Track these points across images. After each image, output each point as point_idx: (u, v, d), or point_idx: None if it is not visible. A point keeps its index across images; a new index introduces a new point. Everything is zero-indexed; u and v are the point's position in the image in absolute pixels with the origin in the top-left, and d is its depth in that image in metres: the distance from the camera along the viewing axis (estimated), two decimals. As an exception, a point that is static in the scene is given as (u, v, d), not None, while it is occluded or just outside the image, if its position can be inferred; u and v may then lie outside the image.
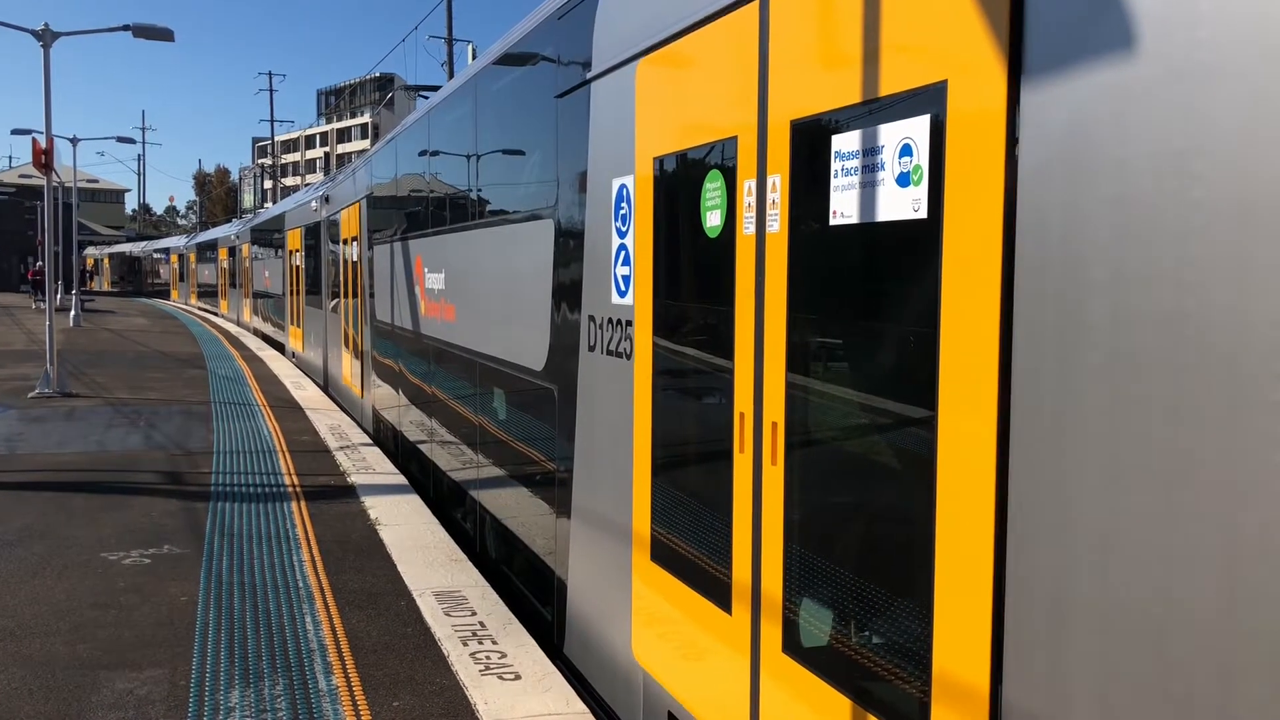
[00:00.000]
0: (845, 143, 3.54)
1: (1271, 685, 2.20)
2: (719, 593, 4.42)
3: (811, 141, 3.72)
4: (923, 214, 3.15)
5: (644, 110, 5.13)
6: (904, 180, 3.25)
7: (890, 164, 3.31)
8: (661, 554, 5.01)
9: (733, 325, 4.26)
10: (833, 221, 3.59)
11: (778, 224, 3.92)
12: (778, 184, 3.92)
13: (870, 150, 3.41)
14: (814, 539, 3.76)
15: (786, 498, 3.89)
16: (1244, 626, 2.25)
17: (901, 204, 3.26)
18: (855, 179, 3.48)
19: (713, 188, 4.46)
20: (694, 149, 4.63)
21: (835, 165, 3.58)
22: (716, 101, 4.40)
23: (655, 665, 5.14)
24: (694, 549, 4.67)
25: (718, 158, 4.41)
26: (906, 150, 3.24)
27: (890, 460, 3.39)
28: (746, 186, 4.16)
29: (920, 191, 3.17)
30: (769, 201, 3.97)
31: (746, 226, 4.16)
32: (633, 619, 5.38)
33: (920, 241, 3.17)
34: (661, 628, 5.04)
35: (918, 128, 3.20)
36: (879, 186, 3.36)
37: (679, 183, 4.80)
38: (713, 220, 4.46)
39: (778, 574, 3.94)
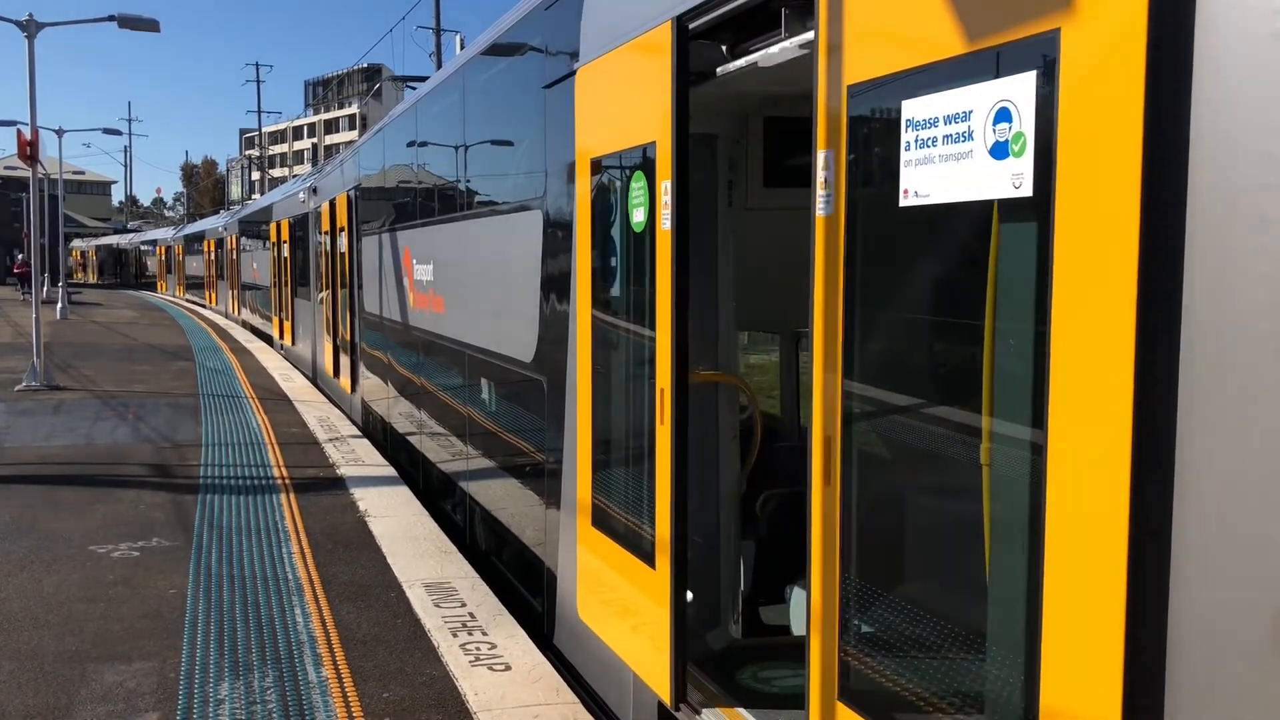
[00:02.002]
0: (920, 109, 3.06)
1: None
2: (644, 549, 4.85)
3: (876, 110, 3.30)
4: (1026, 191, 2.68)
5: (582, 114, 5.53)
6: (1001, 151, 2.76)
7: (982, 132, 2.83)
8: (598, 517, 5.42)
9: (654, 312, 4.68)
10: (905, 202, 3.13)
11: (831, 206, 3.47)
12: (831, 161, 3.47)
13: (954, 117, 2.93)
14: (875, 569, 3.43)
15: (844, 524, 3.49)
16: None
17: (998, 179, 2.77)
18: (934, 151, 3.01)
19: (637, 187, 4.86)
20: (621, 152, 5.05)
21: (907, 136, 3.10)
22: (638, 109, 4.80)
23: (596, 623, 5.49)
24: (624, 511, 5.10)
25: (639, 161, 4.83)
26: (1004, 115, 2.75)
27: (978, 487, 2.97)
28: (663, 186, 4.53)
29: (1023, 164, 2.69)
30: (819, 181, 3.51)
31: (664, 222, 4.54)
32: (577, 582, 5.69)
33: (1023, 223, 2.71)
34: (600, 587, 5.41)
35: (1020, 88, 2.69)
36: (967, 159, 2.88)
37: (610, 182, 5.26)
38: (638, 216, 4.88)
39: (835, 606, 3.55)
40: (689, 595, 5.15)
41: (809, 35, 3.80)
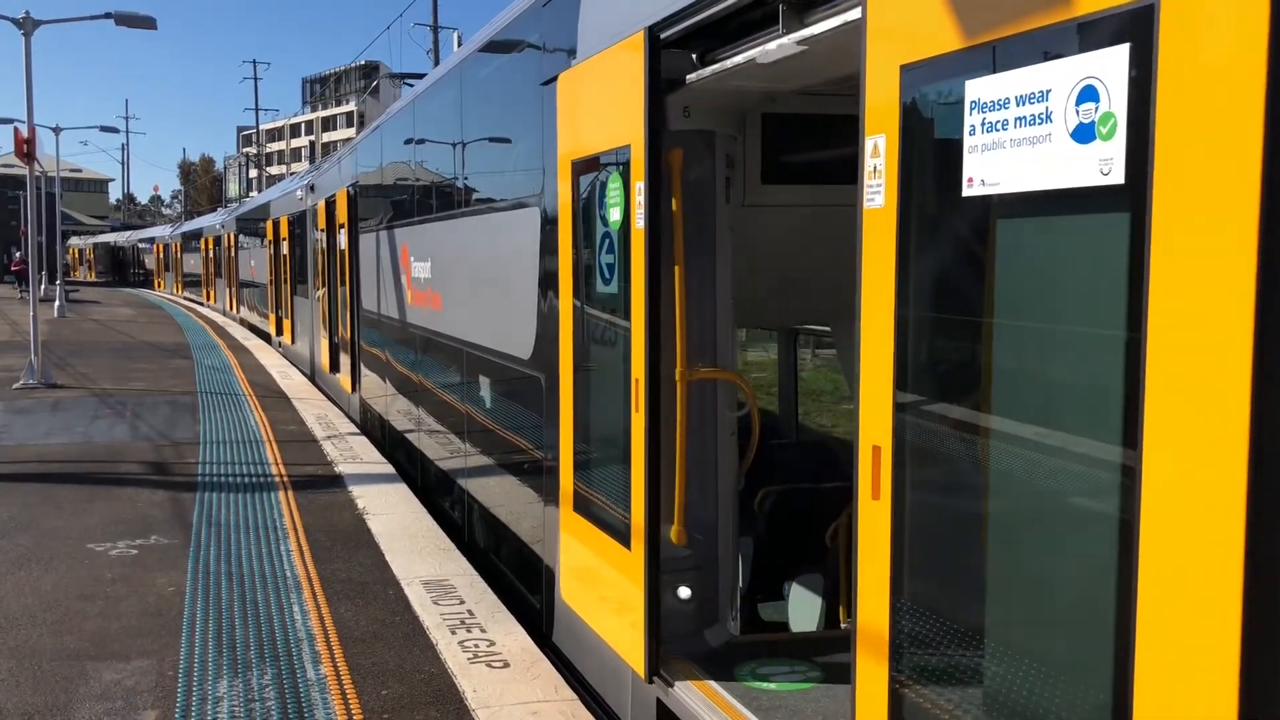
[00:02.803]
0: (987, 89, 2.79)
1: None
2: (621, 530, 5.13)
3: (933, 90, 3.04)
4: (1116, 178, 2.42)
5: (563, 117, 5.81)
6: (1085, 134, 2.50)
7: (1063, 113, 2.56)
8: (580, 503, 5.73)
9: (629, 306, 4.94)
10: (968, 191, 2.88)
11: (881, 197, 3.20)
12: (880, 147, 3.20)
13: (1029, 97, 2.67)
14: (932, 594, 3.16)
15: (894, 542, 3.22)
16: None
17: (1081, 165, 2.51)
18: (1004, 135, 2.75)
19: (614, 188, 5.13)
20: (599, 154, 5.31)
21: (972, 119, 2.85)
22: (614, 114, 5.07)
23: (578, 604, 5.83)
24: (603, 496, 5.41)
25: (616, 163, 5.12)
26: (1089, 94, 2.48)
27: (1054, 505, 2.69)
28: (637, 188, 4.79)
29: (1112, 148, 2.42)
30: (869, 170, 3.26)
31: (638, 221, 4.80)
32: (560, 565, 6.06)
33: (1111, 213, 2.45)
34: (581, 567, 5.75)
35: (1109, 64, 2.42)
36: (1043, 144, 2.62)
37: (589, 182, 5.55)
38: (614, 216, 5.14)
39: (884, 634, 3.25)
40: (687, 592, 5.16)
41: (851, 15, 3.60)
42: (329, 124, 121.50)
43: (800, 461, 7.92)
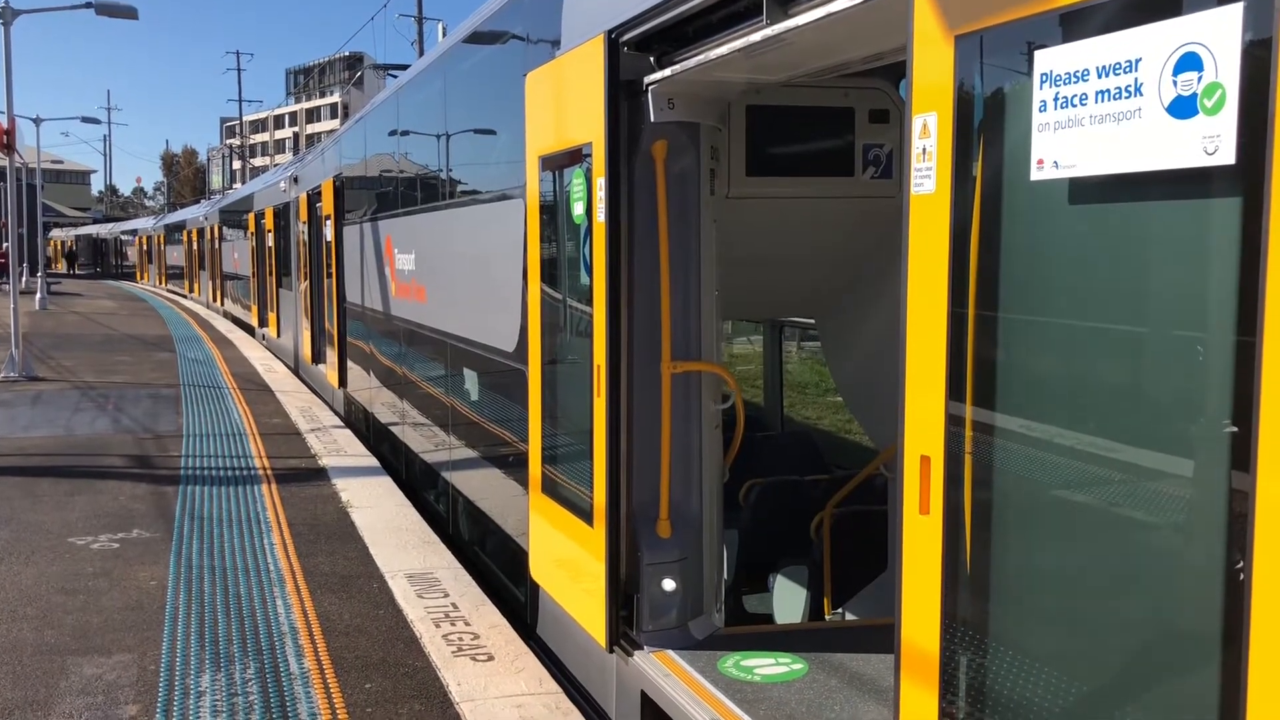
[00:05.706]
0: (1061, 60, 2.54)
1: None
2: (584, 509, 5.35)
3: (994, 63, 2.79)
4: (1225, 157, 2.16)
5: (531, 116, 5.98)
6: (1185, 108, 2.24)
7: (1156, 84, 2.30)
8: (548, 485, 5.98)
9: (591, 296, 5.13)
10: (1038, 175, 2.62)
11: (931, 182, 2.95)
12: (931, 126, 2.93)
13: (1112, 68, 2.41)
14: (985, 620, 2.90)
15: (947, 562, 2.97)
16: None
17: (1181, 143, 2.25)
18: (1082, 112, 2.49)
19: (577, 183, 5.35)
20: (565, 151, 5.49)
21: (1043, 94, 2.60)
22: (577, 113, 5.28)
23: (545, 580, 6.10)
24: (567, 477, 5.68)
25: (579, 159, 5.32)
26: (1190, 63, 2.23)
27: (1140, 539, 2.46)
28: (599, 183, 5.02)
29: (1220, 123, 2.16)
30: (917, 152, 3.00)
31: (599, 215, 5.01)
32: (530, 544, 6.29)
33: (1218, 198, 2.21)
34: (549, 545, 6.00)
35: (1216, 27, 2.16)
36: (1131, 120, 2.36)
37: (556, 178, 5.77)
38: (578, 210, 5.36)
39: (932, 667, 3.02)
40: (672, 584, 5.16)
41: (835, 6, 3.42)
42: (313, 115, 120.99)
43: (785, 454, 7.93)
